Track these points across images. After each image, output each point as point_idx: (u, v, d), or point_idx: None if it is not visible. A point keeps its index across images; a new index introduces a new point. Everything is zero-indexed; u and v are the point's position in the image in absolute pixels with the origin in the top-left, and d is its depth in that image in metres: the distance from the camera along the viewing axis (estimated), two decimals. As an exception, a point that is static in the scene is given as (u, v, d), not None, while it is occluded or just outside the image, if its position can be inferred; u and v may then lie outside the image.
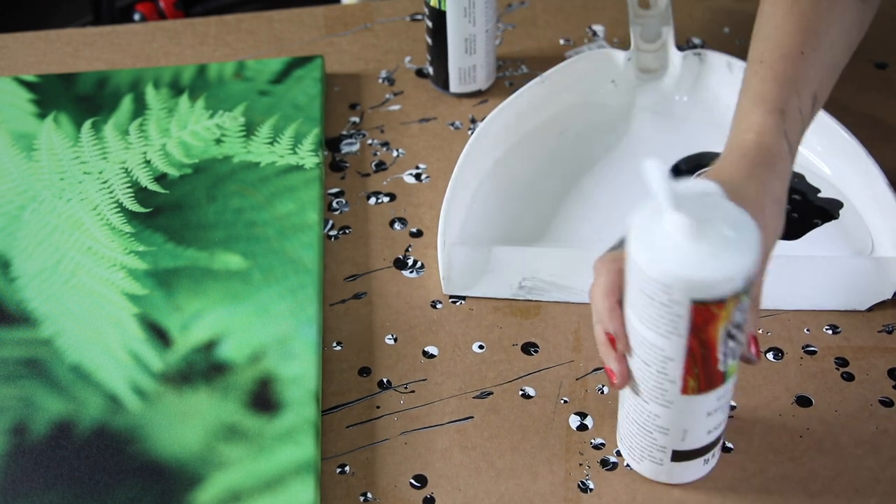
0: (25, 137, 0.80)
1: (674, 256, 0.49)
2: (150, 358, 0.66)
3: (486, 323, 0.69)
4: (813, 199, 0.75)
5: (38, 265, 0.71)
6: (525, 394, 0.65)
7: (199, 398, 0.64)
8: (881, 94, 0.84)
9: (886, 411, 0.63)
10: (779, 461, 0.61)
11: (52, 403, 0.64)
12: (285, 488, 0.59)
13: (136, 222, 0.74)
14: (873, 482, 0.60)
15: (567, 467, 0.61)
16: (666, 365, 0.53)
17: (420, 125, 0.82)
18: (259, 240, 0.72)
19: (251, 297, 0.69)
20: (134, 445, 0.61)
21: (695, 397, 0.54)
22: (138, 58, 0.89)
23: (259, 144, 0.79)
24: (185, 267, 0.71)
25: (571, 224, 0.74)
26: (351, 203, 0.77)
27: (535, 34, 0.90)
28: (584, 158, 0.79)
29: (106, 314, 0.68)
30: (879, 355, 0.66)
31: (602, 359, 0.56)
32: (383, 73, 0.87)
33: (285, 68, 0.84)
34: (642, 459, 0.59)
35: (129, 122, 0.81)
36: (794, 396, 0.64)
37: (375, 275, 0.72)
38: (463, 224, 0.74)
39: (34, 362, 0.66)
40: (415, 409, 0.64)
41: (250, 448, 0.61)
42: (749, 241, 0.49)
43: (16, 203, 0.75)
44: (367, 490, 0.61)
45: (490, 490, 0.60)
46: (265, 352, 0.66)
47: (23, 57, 0.89)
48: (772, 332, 0.67)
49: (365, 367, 0.67)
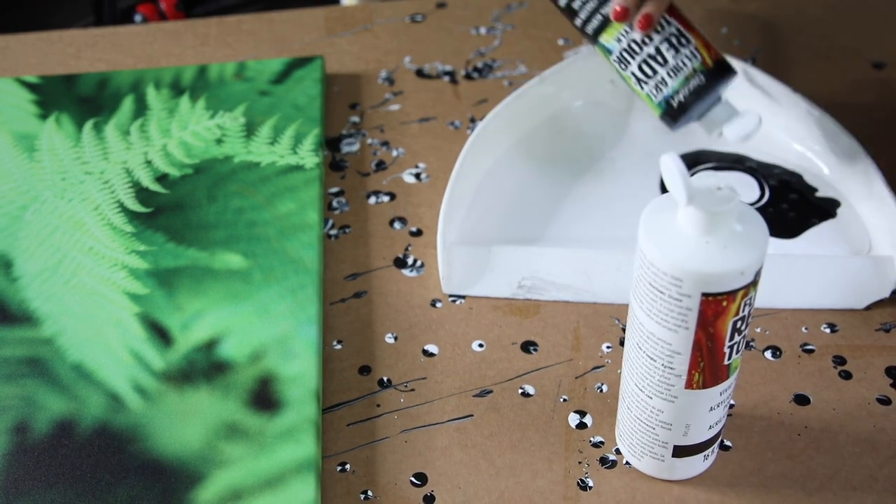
0: (27, 138, 0.80)
1: (685, 250, 0.49)
2: (152, 357, 0.66)
3: (485, 322, 0.69)
4: (811, 198, 0.75)
5: (39, 265, 0.71)
6: (524, 392, 0.65)
7: (199, 397, 0.64)
8: (879, 93, 0.84)
9: (884, 409, 0.64)
10: (777, 459, 0.61)
11: (54, 402, 0.64)
12: (286, 486, 0.59)
13: (138, 222, 0.74)
14: (871, 480, 0.60)
15: (566, 465, 0.61)
16: (672, 359, 0.53)
17: (420, 125, 0.83)
18: (259, 239, 0.72)
19: (252, 297, 0.69)
20: (135, 444, 0.62)
21: (699, 392, 0.54)
22: (139, 58, 0.89)
23: (259, 144, 0.79)
24: (185, 266, 0.71)
25: (570, 223, 0.74)
26: (351, 202, 0.77)
27: (534, 34, 0.90)
28: (583, 158, 0.79)
29: (107, 314, 0.68)
30: (877, 354, 0.66)
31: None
32: (383, 73, 0.87)
33: (286, 69, 0.85)
34: (643, 456, 0.60)
35: (130, 123, 0.81)
36: (792, 395, 0.64)
37: (375, 274, 0.72)
38: (462, 223, 0.74)
39: (36, 361, 0.66)
40: (415, 407, 0.65)
41: (251, 446, 0.61)
42: (758, 235, 0.50)
43: (17, 203, 0.75)
44: (368, 488, 0.61)
45: (490, 488, 0.61)
46: (266, 351, 0.66)
47: (24, 58, 0.89)
48: (770, 331, 0.68)
49: (365, 365, 0.67)
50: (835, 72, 0.86)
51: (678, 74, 0.68)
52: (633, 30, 0.69)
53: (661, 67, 0.69)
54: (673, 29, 0.69)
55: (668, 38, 0.69)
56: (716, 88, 0.69)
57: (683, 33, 0.69)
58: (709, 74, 0.68)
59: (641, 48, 0.69)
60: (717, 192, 0.50)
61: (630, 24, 0.68)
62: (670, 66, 0.68)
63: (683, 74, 0.68)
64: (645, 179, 0.77)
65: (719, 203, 0.49)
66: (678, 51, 0.68)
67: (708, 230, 0.49)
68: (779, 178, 0.76)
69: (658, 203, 0.52)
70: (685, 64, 0.68)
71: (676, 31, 0.69)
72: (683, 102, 0.69)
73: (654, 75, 0.69)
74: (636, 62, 0.69)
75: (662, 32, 0.69)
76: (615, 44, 0.70)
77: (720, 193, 0.50)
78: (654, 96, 0.70)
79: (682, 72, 0.68)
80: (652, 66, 0.69)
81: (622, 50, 0.70)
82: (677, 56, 0.68)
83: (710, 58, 0.69)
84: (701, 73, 0.68)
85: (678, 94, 0.69)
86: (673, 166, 0.48)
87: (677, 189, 0.49)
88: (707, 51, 0.69)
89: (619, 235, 0.72)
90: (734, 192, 0.50)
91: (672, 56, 0.68)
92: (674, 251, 0.50)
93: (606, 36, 0.70)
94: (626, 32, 0.69)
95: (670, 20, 0.69)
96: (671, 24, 0.69)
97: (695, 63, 0.68)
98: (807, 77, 0.84)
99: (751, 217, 0.51)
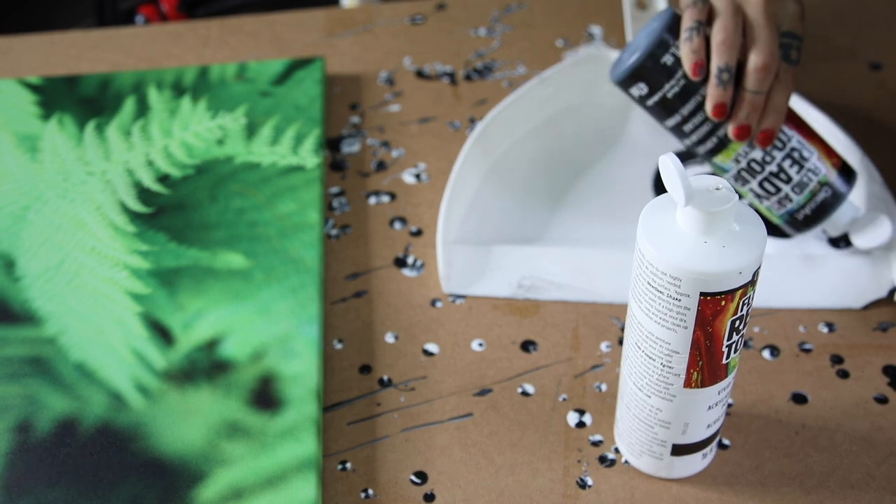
0: (29, 139, 0.80)
1: (684, 250, 0.50)
2: (153, 356, 0.66)
3: (485, 321, 0.69)
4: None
5: (41, 265, 0.72)
6: (524, 391, 0.65)
7: (201, 396, 0.64)
8: (876, 94, 0.84)
9: (881, 408, 0.64)
10: (775, 457, 0.62)
11: (56, 401, 0.64)
12: (287, 485, 0.60)
13: (139, 222, 0.74)
14: (868, 478, 0.60)
15: (566, 464, 0.62)
16: (671, 358, 0.53)
17: (419, 125, 0.83)
18: (260, 239, 0.73)
19: (253, 296, 0.69)
20: (137, 443, 0.62)
21: (698, 390, 0.55)
22: (141, 60, 0.89)
23: (260, 145, 0.79)
24: (187, 266, 0.71)
25: (570, 223, 0.75)
26: (351, 202, 0.77)
27: (532, 35, 0.91)
28: (583, 158, 0.79)
29: (109, 313, 0.69)
30: (874, 353, 0.67)
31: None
32: (383, 73, 0.88)
33: (286, 70, 0.85)
34: (642, 454, 0.60)
35: (131, 124, 0.81)
36: (789, 394, 0.65)
37: (376, 273, 0.73)
38: (462, 223, 0.74)
39: (38, 361, 0.66)
40: (415, 406, 0.65)
41: (252, 445, 0.62)
42: (756, 234, 0.50)
43: (20, 203, 0.76)
44: (368, 486, 0.61)
45: (490, 486, 0.61)
46: (267, 350, 0.66)
47: (27, 59, 0.90)
48: (768, 330, 0.68)
49: (366, 364, 0.67)
50: (832, 73, 0.86)
51: (803, 190, 0.65)
52: (753, 148, 0.65)
53: (784, 185, 0.65)
54: (794, 143, 0.65)
55: (790, 153, 0.65)
56: (842, 199, 0.66)
57: (805, 146, 0.65)
58: (834, 186, 0.66)
59: (763, 167, 0.65)
60: (715, 192, 0.50)
61: (751, 142, 0.65)
62: (794, 182, 0.65)
63: (809, 190, 0.65)
64: (644, 180, 0.77)
65: (718, 203, 0.49)
66: (802, 166, 0.65)
67: (706, 230, 0.50)
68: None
69: (657, 203, 0.52)
70: (810, 179, 0.65)
71: (798, 145, 0.65)
72: (810, 216, 0.66)
73: (776, 192, 0.65)
74: (756, 180, 0.66)
75: (783, 149, 0.65)
76: (732, 164, 0.66)
77: (718, 193, 0.50)
78: (777, 210, 0.67)
79: (807, 188, 0.65)
80: (775, 183, 0.65)
81: (740, 169, 0.66)
82: (801, 172, 0.65)
83: (834, 167, 0.65)
84: (827, 187, 0.65)
85: (804, 209, 0.66)
86: (672, 166, 0.48)
87: (676, 189, 0.49)
88: (830, 160, 0.65)
89: (619, 235, 0.73)
90: (732, 191, 0.50)
91: (795, 172, 0.65)
92: (672, 251, 0.50)
93: (723, 157, 0.66)
94: (744, 153, 0.65)
95: (790, 133, 0.65)
96: (792, 137, 0.65)
97: (819, 177, 0.65)
98: (804, 78, 0.84)
99: (749, 217, 0.51)
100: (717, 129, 0.65)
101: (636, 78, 0.65)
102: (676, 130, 0.67)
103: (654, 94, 0.65)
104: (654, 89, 0.65)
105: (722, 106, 0.63)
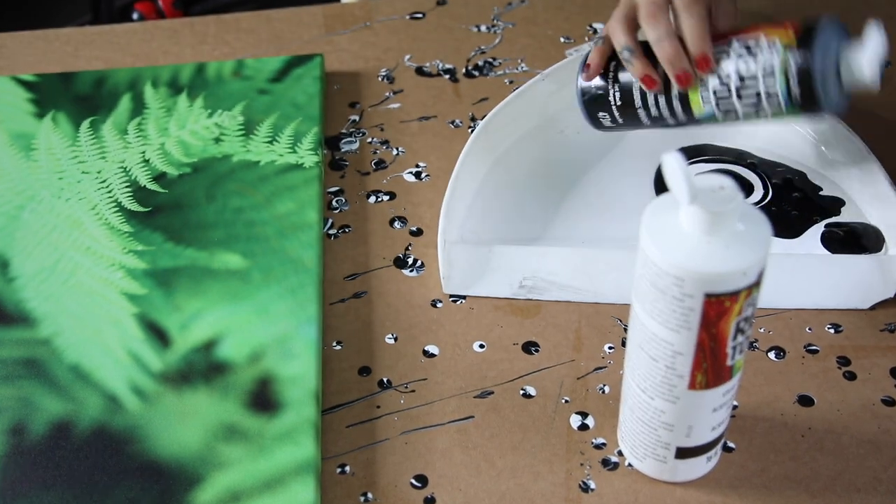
0: (24, 137, 0.80)
1: (687, 250, 0.49)
2: (150, 358, 0.66)
3: (486, 322, 0.69)
4: (814, 197, 0.74)
5: (36, 265, 0.71)
6: (526, 393, 0.65)
7: (198, 398, 0.63)
8: (883, 92, 0.83)
9: (888, 411, 0.63)
10: (780, 461, 0.61)
11: (51, 403, 0.63)
12: (285, 488, 0.59)
13: (135, 222, 0.73)
14: (875, 482, 0.60)
15: (568, 467, 0.61)
16: (675, 360, 0.53)
17: (420, 123, 0.82)
18: (258, 239, 0.72)
19: (251, 297, 0.68)
20: (133, 445, 0.61)
21: (702, 392, 0.54)
22: (137, 57, 0.89)
23: (258, 143, 0.79)
24: (184, 266, 0.70)
25: (572, 223, 0.74)
26: (351, 202, 0.77)
27: (535, 32, 0.90)
28: (585, 157, 0.79)
29: (105, 314, 0.68)
30: (881, 354, 0.66)
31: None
32: (383, 71, 0.87)
33: (284, 67, 0.84)
34: (645, 457, 0.59)
35: (127, 122, 0.80)
36: (795, 396, 0.64)
37: (375, 274, 0.72)
38: (463, 223, 0.73)
39: (33, 362, 0.66)
40: (415, 408, 0.64)
41: (250, 448, 0.61)
42: (761, 234, 0.50)
43: (14, 203, 0.75)
44: (368, 490, 0.60)
45: (491, 490, 0.60)
46: (265, 351, 0.65)
47: (22, 56, 0.89)
48: (773, 331, 0.67)
49: (365, 366, 0.67)
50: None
51: (775, 73, 0.62)
52: (706, 81, 0.64)
53: (756, 83, 0.63)
54: (735, 46, 0.63)
55: (739, 56, 0.63)
56: (816, 51, 0.62)
57: (746, 39, 0.63)
58: (799, 47, 0.62)
59: (728, 86, 0.64)
60: (719, 192, 0.49)
61: (701, 78, 0.64)
62: (762, 75, 0.63)
63: (779, 69, 0.62)
64: (647, 179, 0.77)
65: (722, 202, 0.49)
66: (755, 55, 0.62)
67: (710, 230, 0.49)
68: (782, 176, 0.76)
69: (660, 202, 0.51)
70: (772, 59, 0.62)
71: (738, 44, 0.63)
72: (805, 88, 0.62)
73: (759, 96, 0.64)
74: (737, 102, 0.64)
75: (730, 57, 0.63)
76: (709, 107, 0.65)
77: (722, 193, 0.49)
78: (784, 108, 0.64)
79: (775, 68, 0.62)
80: (749, 89, 0.63)
81: (717, 104, 0.65)
82: (758, 61, 0.62)
83: (788, 31, 0.62)
84: (791, 52, 0.62)
85: (793, 88, 0.62)
86: (675, 165, 0.48)
87: (680, 188, 0.48)
88: (778, 31, 0.62)
89: (621, 235, 0.72)
90: (736, 191, 0.49)
91: (754, 64, 0.62)
92: (675, 251, 0.49)
93: (697, 109, 0.66)
94: (705, 90, 0.65)
95: (726, 43, 0.64)
96: (731, 42, 0.64)
97: (778, 51, 0.62)
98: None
99: (753, 216, 0.50)
100: (669, 92, 0.67)
101: (592, 115, 0.72)
102: (654, 122, 0.69)
103: (611, 113, 0.71)
104: (606, 110, 0.71)
105: (646, 77, 0.66)
